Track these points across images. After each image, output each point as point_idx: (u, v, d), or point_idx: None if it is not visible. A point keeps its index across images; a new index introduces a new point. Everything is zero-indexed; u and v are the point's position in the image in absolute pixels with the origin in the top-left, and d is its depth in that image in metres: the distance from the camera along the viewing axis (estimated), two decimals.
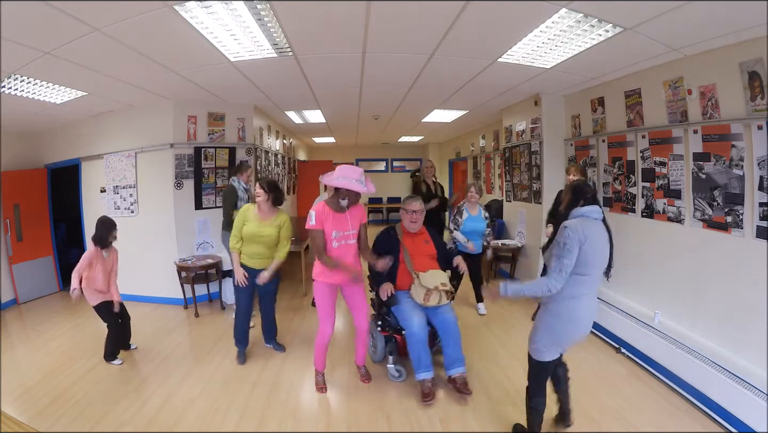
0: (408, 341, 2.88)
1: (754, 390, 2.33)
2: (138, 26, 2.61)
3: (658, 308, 3.33)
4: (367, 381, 3.12)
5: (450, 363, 2.92)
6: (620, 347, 3.50)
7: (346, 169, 2.67)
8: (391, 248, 3.12)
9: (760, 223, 2.59)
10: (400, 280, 3.09)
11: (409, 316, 2.89)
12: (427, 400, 2.77)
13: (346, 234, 2.78)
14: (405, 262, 3.11)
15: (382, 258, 2.82)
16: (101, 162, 5.27)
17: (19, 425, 1.96)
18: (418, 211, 3.16)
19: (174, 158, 4.90)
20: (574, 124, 4.81)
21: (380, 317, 3.25)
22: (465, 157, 9.57)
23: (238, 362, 3.46)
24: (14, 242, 5.27)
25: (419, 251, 3.18)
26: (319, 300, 2.87)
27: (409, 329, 2.87)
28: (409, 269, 3.07)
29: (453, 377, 2.89)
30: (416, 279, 2.99)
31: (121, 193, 5.19)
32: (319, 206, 2.77)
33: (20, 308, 5.13)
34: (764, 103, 2.54)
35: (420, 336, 2.84)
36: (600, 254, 2.08)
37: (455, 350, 2.92)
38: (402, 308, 2.96)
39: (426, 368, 2.84)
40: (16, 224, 5.31)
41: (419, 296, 2.94)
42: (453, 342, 2.92)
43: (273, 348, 3.71)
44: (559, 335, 2.14)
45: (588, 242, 2.00)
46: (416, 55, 3.51)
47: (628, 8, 2.44)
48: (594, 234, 2.04)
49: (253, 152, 5.45)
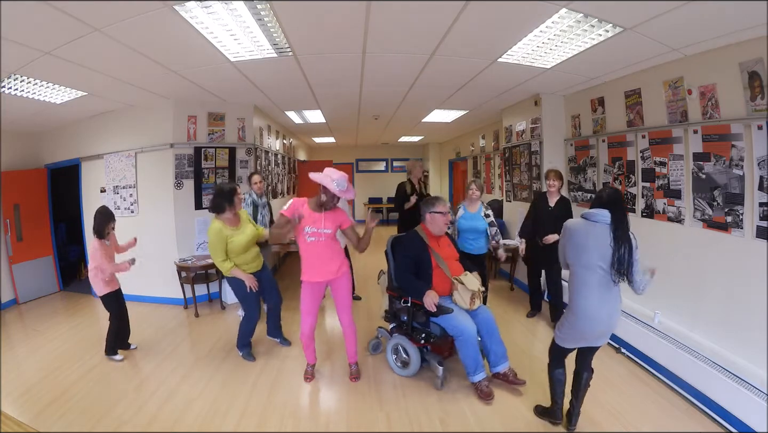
0: (463, 346, 2.85)
1: (754, 390, 2.32)
2: (138, 26, 2.61)
3: (658, 308, 3.33)
4: (356, 380, 3.13)
5: (497, 360, 2.98)
6: (620, 347, 3.50)
7: (330, 170, 2.82)
8: (422, 254, 3.09)
9: (760, 223, 2.59)
10: (437, 286, 3.02)
11: (460, 321, 2.86)
12: (490, 399, 2.81)
13: (320, 232, 2.88)
14: (441, 267, 3.06)
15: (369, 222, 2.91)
16: (101, 162, 5.27)
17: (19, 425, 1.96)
18: (445, 213, 3.15)
19: (174, 158, 4.90)
20: (574, 124, 4.81)
21: (415, 329, 3.09)
22: (465, 157, 9.57)
23: (250, 360, 3.49)
24: (14, 242, 5.27)
25: (446, 254, 3.16)
26: (302, 297, 3.00)
27: (464, 334, 2.83)
28: (448, 275, 3.03)
29: (503, 372, 2.97)
30: (459, 285, 2.96)
31: (121, 194, 5.19)
32: (299, 200, 2.93)
33: (20, 308, 5.13)
34: (764, 103, 2.54)
35: (475, 339, 2.86)
36: (598, 255, 2.20)
37: (500, 346, 2.99)
38: (450, 315, 2.90)
39: (482, 369, 2.89)
40: (16, 224, 5.31)
41: (465, 301, 2.94)
42: (496, 339, 2.99)
43: (279, 343, 3.76)
44: (574, 329, 2.31)
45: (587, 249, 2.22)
46: (416, 55, 3.51)
47: (628, 8, 2.44)
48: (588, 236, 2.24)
49: (253, 152, 5.45)
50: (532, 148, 5.29)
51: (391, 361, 3.32)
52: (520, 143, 5.60)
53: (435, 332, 3.00)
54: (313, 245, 2.89)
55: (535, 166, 5.23)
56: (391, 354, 3.32)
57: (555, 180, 4.04)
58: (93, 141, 5.33)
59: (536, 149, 5.18)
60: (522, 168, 5.60)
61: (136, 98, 4.57)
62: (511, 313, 4.61)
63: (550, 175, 4.09)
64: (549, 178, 4.09)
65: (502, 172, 6.58)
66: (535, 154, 5.20)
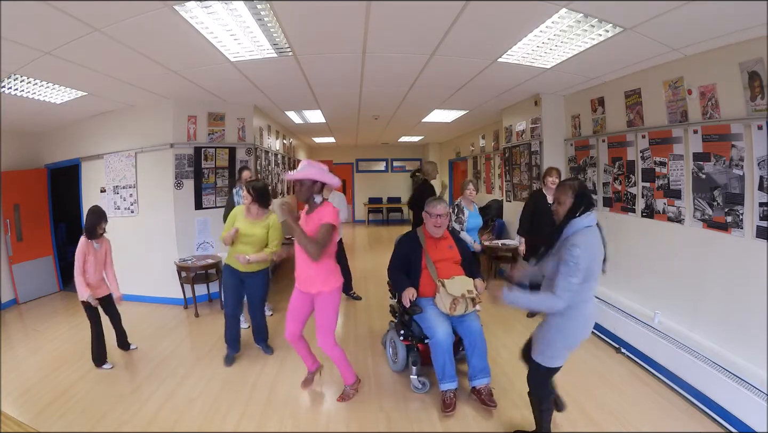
0: (432, 350, 2.75)
1: (754, 390, 2.32)
2: (138, 26, 2.61)
3: (658, 308, 3.33)
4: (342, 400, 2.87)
5: (474, 374, 2.78)
6: (620, 347, 3.50)
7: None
8: (413, 253, 3.05)
9: (760, 223, 2.59)
10: (423, 286, 2.96)
11: (434, 324, 2.75)
12: (448, 411, 2.65)
13: None
14: (428, 268, 2.98)
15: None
16: (101, 162, 5.27)
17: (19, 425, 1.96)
18: (443, 215, 3.01)
19: (174, 158, 4.89)
20: (574, 124, 4.81)
21: (401, 325, 3.08)
22: (465, 157, 9.57)
23: (225, 364, 3.42)
24: (14, 242, 5.27)
25: (444, 256, 3.04)
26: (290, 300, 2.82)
27: (434, 338, 2.72)
28: (433, 277, 2.93)
29: (478, 388, 2.76)
30: (441, 287, 2.82)
31: (121, 193, 5.18)
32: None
33: (20, 308, 5.13)
34: (764, 103, 2.54)
35: (445, 345, 2.71)
36: (600, 261, 2.06)
37: (481, 360, 2.78)
38: (426, 316, 2.83)
39: (450, 379, 2.72)
40: (16, 224, 5.31)
41: (445, 306, 2.78)
42: (479, 352, 2.79)
43: (262, 350, 3.66)
44: (575, 337, 2.11)
45: (596, 258, 1.98)
46: (416, 55, 3.51)
47: (628, 8, 2.44)
48: (597, 244, 2.00)
49: (253, 152, 5.45)
50: (532, 148, 5.29)
51: (389, 355, 3.36)
52: (520, 143, 5.60)
53: (415, 331, 2.95)
54: (297, 249, 2.64)
55: (535, 166, 5.23)
56: (389, 348, 3.35)
57: (557, 177, 4.07)
58: (93, 141, 5.33)
59: (536, 149, 5.18)
60: (522, 168, 5.60)
61: (136, 98, 4.57)
62: (511, 313, 4.60)
63: (552, 172, 4.12)
64: (551, 175, 4.11)
65: (502, 173, 6.58)
66: (535, 154, 5.20)
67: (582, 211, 2.01)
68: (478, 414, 2.70)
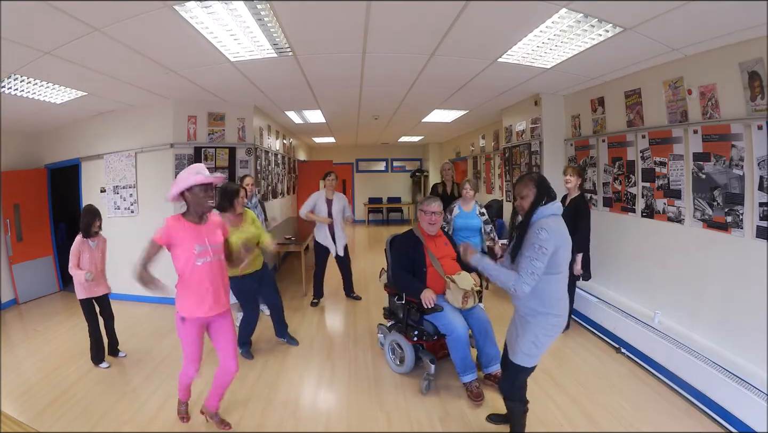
0: (453, 345, 2.85)
1: (754, 390, 2.33)
2: (138, 26, 2.61)
3: (658, 308, 3.33)
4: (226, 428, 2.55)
5: (488, 361, 2.97)
6: (620, 347, 3.50)
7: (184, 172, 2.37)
8: (416, 252, 3.09)
9: (760, 223, 2.59)
10: (431, 284, 3.01)
11: (451, 320, 2.85)
12: (479, 399, 2.79)
13: (208, 248, 2.37)
14: (434, 266, 3.05)
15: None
16: (101, 162, 5.27)
17: (19, 425, 1.96)
18: (437, 213, 3.11)
19: (174, 158, 4.90)
20: (574, 124, 4.81)
21: (409, 327, 3.09)
22: (465, 157, 9.57)
23: (248, 358, 3.49)
24: (14, 242, 5.26)
25: (444, 253, 3.15)
26: (183, 338, 2.36)
27: (454, 333, 2.82)
28: (441, 274, 3.01)
29: (493, 373, 2.95)
30: (452, 283, 2.94)
31: (121, 193, 5.19)
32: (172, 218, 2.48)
33: (20, 308, 5.12)
34: (764, 103, 2.54)
35: (465, 339, 2.84)
36: (569, 250, 2.07)
37: (492, 348, 2.96)
38: (442, 314, 2.91)
39: (472, 370, 2.87)
40: (16, 224, 5.31)
41: (457, 300, 2.91)
42: (489, 340, 2.96)
43: (287, 342, 3.76)
44: (556, 334, 2.14)
45: (563, 245, 2.00)
46: (416, 55, 3.51)
47: (628, 8, 2.44)
48: (564, 233, 2.03)
49: (253, 152, 5.45)
50: (532, 149, 5.29)
51: (389, 358, 3.34)
52: (520, 143, 5.60)
53: (428, 330, 3.01)
54: (207, 267, 2.31)
55: (535, 167, 5.23)
56: (389, 351, 3.34)
57: (572, 176, 3.77)
58: (93, 141, 5.33)
59: (536, 149, 5.18)
60: (522, 168, 5.60)
61: (136, 98, 4.57)
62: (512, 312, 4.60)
63: (567, 171, 3.84)
64: (566, 173, 3.84)
65: (502, 173, 6.58)
66: (535, 155, 5.20)
67: (545, 201, 2.04)
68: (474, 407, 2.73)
